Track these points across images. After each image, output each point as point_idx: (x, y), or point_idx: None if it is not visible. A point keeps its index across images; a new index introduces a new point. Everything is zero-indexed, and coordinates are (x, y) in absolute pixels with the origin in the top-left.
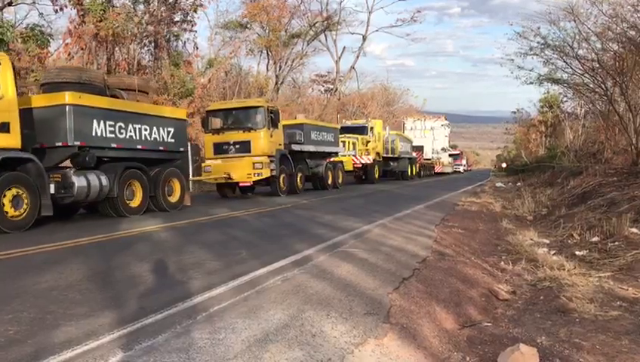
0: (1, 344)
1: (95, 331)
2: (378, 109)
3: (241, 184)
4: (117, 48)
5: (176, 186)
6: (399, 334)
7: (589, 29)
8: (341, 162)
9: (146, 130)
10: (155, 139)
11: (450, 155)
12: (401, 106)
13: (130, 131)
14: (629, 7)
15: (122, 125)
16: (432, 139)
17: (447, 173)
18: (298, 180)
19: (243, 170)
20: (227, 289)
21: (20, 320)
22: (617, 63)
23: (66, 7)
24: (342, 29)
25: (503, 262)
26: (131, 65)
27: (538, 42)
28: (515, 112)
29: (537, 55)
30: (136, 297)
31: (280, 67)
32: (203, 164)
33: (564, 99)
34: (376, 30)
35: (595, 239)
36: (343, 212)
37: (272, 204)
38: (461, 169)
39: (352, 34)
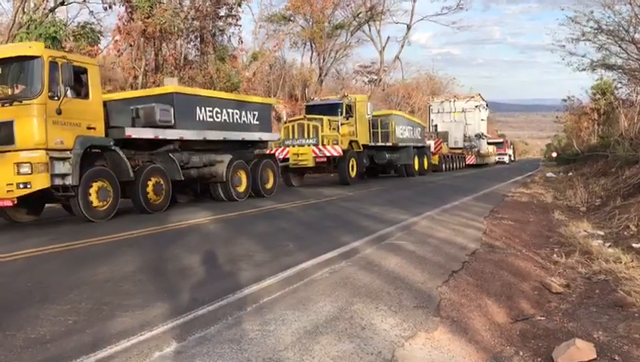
0: (62, 333)
1: (149, 322)
2: (423, 99)
3: None
4: (164, 44)
5: None
6: (450, 327)
7: None
8: (272, 157)
9: None
10: None
11: (489, 143)
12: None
13: None
14: None
15: None
16: (463, 124)
17: (486, 165)
18: (150, 190)
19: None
20: (276, 280)
21: (78, 310)
22: None
23: (115, 4)
24: (386, 18)
25: (555, 255)
26: (178, 61)
27: (591, 27)
28: (565, 100)
29: (590, 40)
30: (188, 288)
31: (324, 59)
32: None
33: (619, 85)
34: (421, 19)
35: None
36: (388, 204)
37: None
38: (506, 159)
39: (397, 23)
